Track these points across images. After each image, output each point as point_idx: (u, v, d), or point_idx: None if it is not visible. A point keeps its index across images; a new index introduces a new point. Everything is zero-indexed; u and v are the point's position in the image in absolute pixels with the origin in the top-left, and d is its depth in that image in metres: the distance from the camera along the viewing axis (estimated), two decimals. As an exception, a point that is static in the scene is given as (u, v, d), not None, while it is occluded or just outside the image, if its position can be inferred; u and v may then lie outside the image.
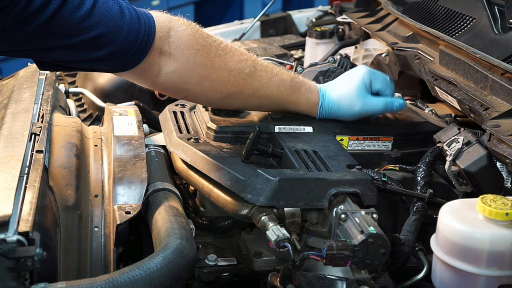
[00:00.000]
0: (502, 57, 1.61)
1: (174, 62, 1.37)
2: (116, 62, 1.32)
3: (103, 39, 1.26)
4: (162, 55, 1.36)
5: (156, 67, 1.37)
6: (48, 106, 1.61)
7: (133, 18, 1.30)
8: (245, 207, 1.33)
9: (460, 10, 1.94)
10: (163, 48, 1.35)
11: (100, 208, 1.38)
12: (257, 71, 1.47)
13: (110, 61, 1.31)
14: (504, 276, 1.16)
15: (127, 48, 1.30)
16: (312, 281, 1.24)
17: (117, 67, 1.35)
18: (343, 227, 1.22)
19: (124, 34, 1.28)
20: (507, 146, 1.37)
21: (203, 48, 1.39)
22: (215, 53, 1.40)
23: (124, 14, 1.28)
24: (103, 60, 1.30)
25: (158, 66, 1.36)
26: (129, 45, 1.30)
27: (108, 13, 1.25)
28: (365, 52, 2.26)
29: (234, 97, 1.48)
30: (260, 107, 1.55)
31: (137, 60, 1.33)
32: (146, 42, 1.32)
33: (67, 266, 1.26)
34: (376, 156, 1.58)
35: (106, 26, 1.25)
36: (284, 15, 2.92)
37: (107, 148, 1.55)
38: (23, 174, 1.21)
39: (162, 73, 1.38)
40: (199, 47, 1.39)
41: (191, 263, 1.15)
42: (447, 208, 1.23)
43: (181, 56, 1.37)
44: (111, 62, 1.32)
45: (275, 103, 1.53)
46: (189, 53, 1.37)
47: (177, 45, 1.36)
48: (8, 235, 1.01)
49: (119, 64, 1.33)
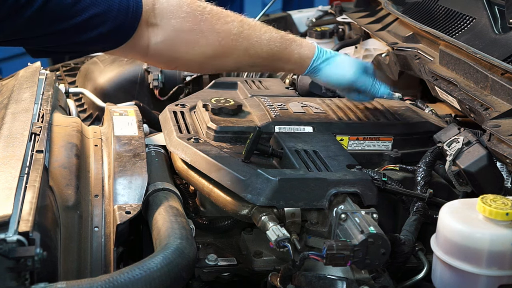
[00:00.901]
0: (502, 57, 1.61)
1: (161, 32, 1.39)
2: (108, 41, 1.35)
3: (96, 20, 1.28)
4: (149, 27, 1.38)
5: (145, 39, 1.39)
6: (48, 106, 1.61)
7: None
8: (245, 207, 1.33)
9: (460, 10, 1.94)
10: (150, 20, 1.38)
11: (100, 208, 1.38)
12: (245, 30, 1.48)
13: (102, 41, 1.34)
14: (504, 276, 1.16)
15: (118, 26, 1.33)
16: (312, 281, 1.24)
17: (109, 45, 1.37)
18: (343, 227, 1.22)
19: (115, 13, 1.31)
20: (507, 146, 1.37)
21: (188, 15, 1.41)
22: (201, 18, 1.43)
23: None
24: (97, 40, 1.32)
25: (147, 38, 1.39)
26: (119, 23, 1.32)
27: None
28: (365, 52, 2.26)
29: (225, 59, 1.50)
30: (253, 66, 1.57)
31: (128, 35, 1.36)
32: (134, 17, 1.34)
33: (67, 266, 1.26)
34: (376, 156, 1.58)
35: (98, 6, 1.28)
36: (284, 15, 2.92)
37: (107, 148, 1.55)
38: (23, 174, 1.21)
39: (151, 44, 1.40)
40: (184, 15, 1.41)
41: (191, 263, 1.15)
42: (447, 208, 1.23)
43: (168, 25, 1.39)
44: (104, 42, 1.34)
45: (267, 60, 1.54)
46: (175, 21, 1.40)
47: (162, 16, 1.39)
48: (8, 235, 1.01)
49: (111, 42, 1.36)
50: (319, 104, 1.68)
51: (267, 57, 1.52)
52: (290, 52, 1.54)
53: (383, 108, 1.70)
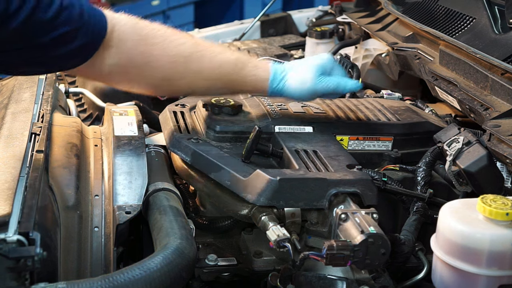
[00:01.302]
0: (502, 57, 1.61)
1: (116, 54, 1.42)
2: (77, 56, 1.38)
3: (69, 36, 1.31)
4: (106, 48, 1.41)
5: (101, 60, 1.42)
6: (48, 106, 1.61)
7: (91, 16, 1.36)
8: (245, 207, 1.33)
9: (460, 10, 1.94)
10: (107, 42, 1.41)
11: (100, 208, 1.38)
12: (197, 53, 1.48)
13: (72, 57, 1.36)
14: (504, 276, 1.16)
15: (85, 43, 1.36)
16: (312, 281, 1.24)
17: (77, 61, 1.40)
18: (343, 227, 1.22)
19: (84, 31, 1.34)
20: (507, 146, 1.37)
21: (141, 38, 1.44)
22: (153, 41, 1.45)
23: (83, 12, 1.34)
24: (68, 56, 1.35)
25: (102, 59, 1.42)
26: (87, 40, 1.36)
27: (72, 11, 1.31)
28: (365, 52, 2.26)
29: (177, 81, 1.50)
30: (209, 89, 1.55)
31: (88, 56, 1.39)
32: (98, 38, 1.38)
33: (67, 266, 1.26)
34: (376, 156, 1.58)
35: (72, 23, 1.31)
36: (284, 15, 2.92)
37: (107, 148, 1.55)
38: (23, 174, 1.21)
39: (106, 65, 1.43)
40: (138, 38, 1.44)
41: (191, 263, 1.15)
42: (447, 208, 1.23)
43: (122, 47, 1.42)
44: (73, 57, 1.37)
45: (222, 83, 1.52)
46: (130, 44, 1.43)
47: (119, 39, 1.42)
48: (8, 235, 1.01)
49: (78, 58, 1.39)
50: (319, 104, 1.68)
51: (221, 79, 1.51)
52: (245, 75, 1.52)
53: (383, 108, 1.70)
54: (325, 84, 1.55)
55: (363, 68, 2.23)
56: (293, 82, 1.53)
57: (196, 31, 2.73)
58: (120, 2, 5.06)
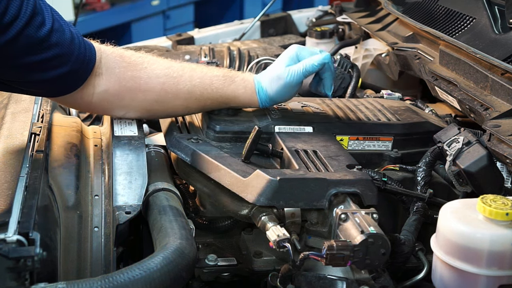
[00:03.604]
0: (502, 57, 1.61)
1: (106, 81, 1.47)
2: (65, 82, 1.42)
3: (58, 60, 1.35)
4: (95, 77, 1.46)
5: (91, 88, 1.46)
6: (48, 106, 1.61)
7: (81, 43, 1.41)
8: (245, 207, 1.33)
9: (460, 10, 1.94)
10: (96, 70, 1.46)
11: (100, 208, 1.38)
12: (186, 73, 1.52)
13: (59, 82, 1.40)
14: (504, 276, 1.16)
15: (75, 70, 1.40)
16: (312, 281, 1.24)
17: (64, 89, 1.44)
18: (343, 227, 1.22)
19: (74, 57, 1.38)
20: (507, 146, 1.37)
21: (129, 65, 1.50)
22: (141, 66, 1.50)
23: (74, 38, 1.39)
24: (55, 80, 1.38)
25: (92, 87, 1.46)
26: (77, 67, 1.40)
27: (63, 35, 1.35)
28: (365, 52, 2.26)
29: (171, 103, 1.53)
30: (204, 107, 1.56)
31: (79, 83, 1.44)
32: (87, 67, 1.43)
33: (67, 266, 1.26)
34: (376, 156, 1.58)
35: (62, 47, 1.35)
36: (284, 15, 2.91)
37: (107, 148, 1.55)
38: (23, 174, 1.21)
39: (96, 93, 1.47)
40: (126, 64, 1.49)
41: (191, 263, 1.15)
42: (447, 208, 1.23)
43: (111, 74, 1.48)
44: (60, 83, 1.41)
45: (214, 99, 1.53)
46: (118, 70, 1.48)
47: (107, 67, 1.47)
48: (8, 235, 1.01)
49: (66, 85, 1.43)
50: (319, 104, 1.68)
51: (213, 96, 1.52)
52: (235, 88, 1.53)
53: (383, 108, 1.70)
54: (296, 69, 1.53)
55: (363, 68, 2.23)
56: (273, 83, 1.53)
57: (196, 31, 2.73)
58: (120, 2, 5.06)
